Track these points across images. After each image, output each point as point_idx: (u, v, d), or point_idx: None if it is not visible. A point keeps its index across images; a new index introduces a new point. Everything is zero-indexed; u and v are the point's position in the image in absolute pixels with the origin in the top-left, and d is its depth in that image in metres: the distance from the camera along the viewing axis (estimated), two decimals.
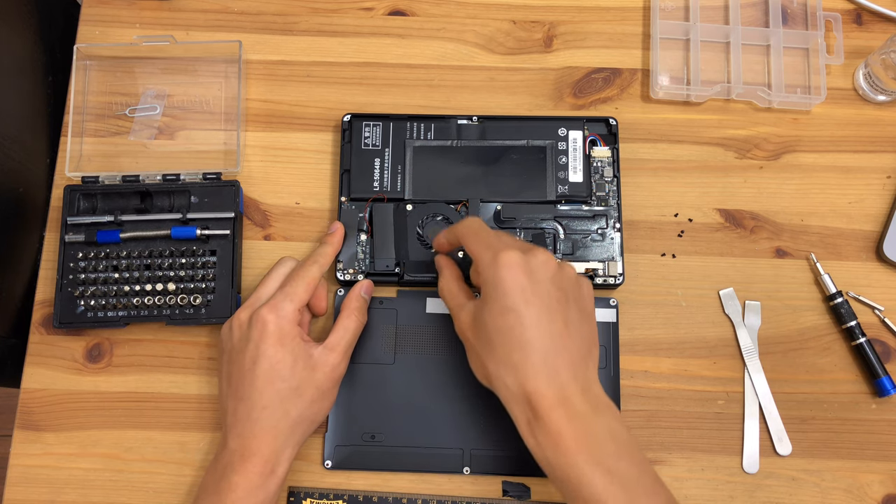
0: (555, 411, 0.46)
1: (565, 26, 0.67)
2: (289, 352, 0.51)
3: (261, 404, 0.50)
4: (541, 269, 0.48)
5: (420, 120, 0.62)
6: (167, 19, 0.66)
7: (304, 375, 0.51)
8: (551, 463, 0.46)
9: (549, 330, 0.47)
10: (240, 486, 0.48)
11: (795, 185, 0.63)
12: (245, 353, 0.51)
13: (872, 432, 0.58)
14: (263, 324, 0.51)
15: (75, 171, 0.62)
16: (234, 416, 0.51)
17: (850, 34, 0.67)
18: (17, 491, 0.56)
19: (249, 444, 0.49)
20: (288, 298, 0.52)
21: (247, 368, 0.51)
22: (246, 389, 0.50)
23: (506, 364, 0.47)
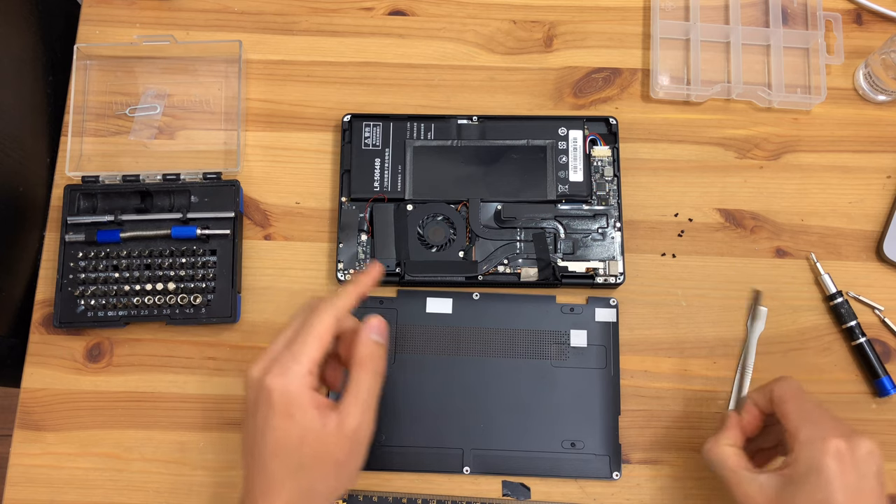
0: None
1: (565, 26, 0.67)
2: (295, 424, 0.45)
3: (270, 475, 0.45)
4: (867, 461, 0.45)
5: (420, 120, 0.62)
6: (167, 19, 0.66)
7: (315, 448, 0.45)
8: None
9: None
10: None
11: (795, 185, 0.63)
12: (256, 417, 0.46)
13: (872, 432, 0.58)
14: (269, 393, 0.45)
15: (75, 170, 0.62)
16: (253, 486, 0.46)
17: (850, 34, 0.67)
18: (17, 490, 0.56)
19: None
20: (295, 360, 0.45)
21: (257, 440, 0.46)
22: (257, 456, 0.46)
23: None
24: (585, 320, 0.59)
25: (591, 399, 0.57)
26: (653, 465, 0.57)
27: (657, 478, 0.57)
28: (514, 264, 0.59)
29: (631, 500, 0.57)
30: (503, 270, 0.59)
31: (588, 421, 0.57)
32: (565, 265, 0.59)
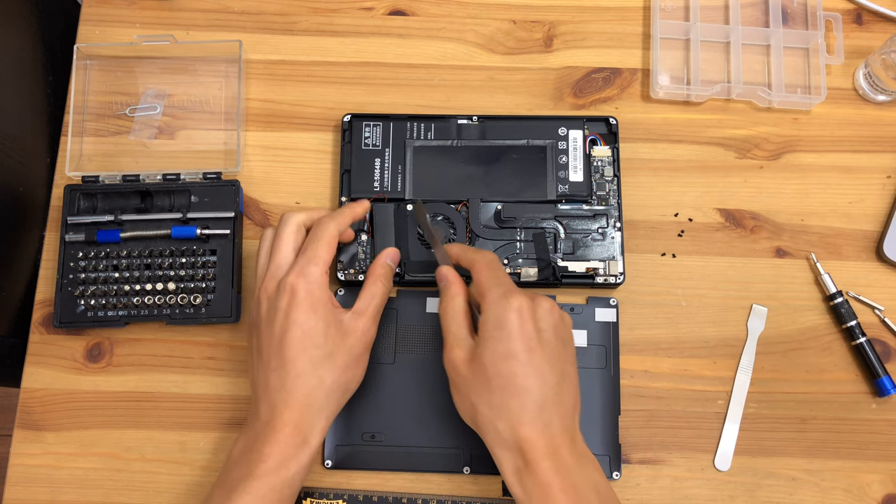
0: (545, 461, 0.46)
1: (565, 26, 0.67)
2: (321, 318, 0.49)
3: (294, 373, 0.48)
4: (546, 317, 0.49)
5: (420, 120, 0.62)
6: (167, 19, 0.66)
7: (336, 341, 0.50)
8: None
9: (548, 380, 0.47)
10: (271, 456, 0.47)
11: (795, 184, 0.63)
12: (275, 323, 0.50)
13: (872, 432, 0.58)
14: (293, 291, 0.49)
15: (75, 170, 0.62)
16: (265, 386, 0.49)
17: (851, 34, 0.67)
18: (17, 490, 0.56)
19: (282, 414, 0.48)
20: (312, 263, 0.50)
21: (277, 338, 0.49)
22: (278, 359, 0.49)
23: (500, 408, 0.47)
24: (585, 320, 0.59)
25: (591, 399, 0.57)
26: (653, 465, 0.57)
27: (657, 478, 0.57)
28: (515, 264, 0.59)
29: (631, 500, 0.57)
30: None
31: (588, 421, 0.57)
32: (565, 265, 0.59)
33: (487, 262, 0.51)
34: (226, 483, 0.48)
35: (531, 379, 0.47)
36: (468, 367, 0.49)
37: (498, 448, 0.47)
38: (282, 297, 0.50)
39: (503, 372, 0.47)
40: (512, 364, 0.47)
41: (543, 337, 0.48)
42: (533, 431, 0.46)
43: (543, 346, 0.48)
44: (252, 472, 0.47)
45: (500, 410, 0.47)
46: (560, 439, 0.47)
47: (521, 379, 0.47)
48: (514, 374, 0.47)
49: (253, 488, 0.46)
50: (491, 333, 0.48)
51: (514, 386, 0.47)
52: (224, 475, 0.49)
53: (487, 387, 0.47)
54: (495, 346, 0.47)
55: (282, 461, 0.47)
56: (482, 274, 0.50)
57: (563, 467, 0.46)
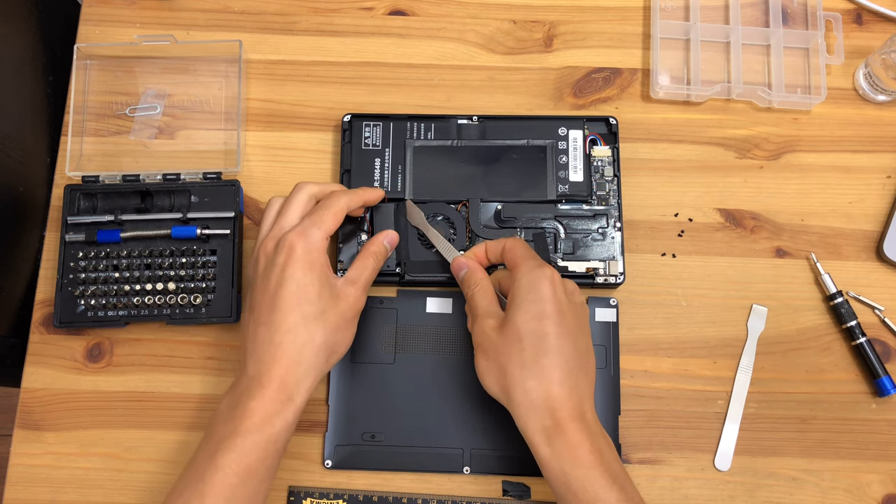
0: (575, 423, 0.47)
1: (565, 26, 0.67)
2: (316, 277, 0.50)
3: (284, 328, 0.48)
4: (573, 293, 0.51)
5: (420, 120, 0.62)
6: (167, 19, 0.66)
7: (329, 302, 0.50)
8: (567, 473, 0.46)
9: (577, 345, 0.49)
10: (256, 412, 0.47)
11: (795, 185, 0.63)
12: (270, 277, 0.50)
13: (872, 432, 0.58)
14: (291, 248, 0.50)
15: (75, 170, 0.62)
16: (253, 341, 0.49)
17: (851, 34, 0.67)
18: (17, 490, 0.56)
19: (269, 369, 0.48)
20: (315, 226, 0.51)
21: (271, 292, 0.49)
22: (269, 314, 0.49)
23: (532, 366, 0.48)
24: None
25: None
26: (653, 465, 0.57)
27: (657, 478, 0.57)
28: None
29: None
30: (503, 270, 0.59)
31: None
32: (565, 265, 0.59)
33: (520, 243, 0.53)
34: (211, 440, 0.47)
35: (563, 339, 0.48)
36: (498, 332, 0.50)
37: (525, 409, 0.48)
38: (280, 253, 0.50)
39: (536, 331, 0.48)
40: (545, 323, 0.48)
41: (572, 307, 0.50)
42: (563, 392, 0.47)
43: (573, 314, 0.50)
44: (237, 428, 0.46)
45: (532, 368, 0.48)
46: (586, 404, 0.48)
47: (554, 338, 0.48)
48: (546, 333, 0.48)
49: (237, 445, 0.46)
50: (524, 297, 0.49)
51: (547, 344, 0.48)
52: (209, 432, 0.48)
53: (519, 346, 0.48)
54: (528, 307, 0.49)
55: (266, 417, 0.47)
56: (516, 249, 0.53)
57: (589, 431, 0.47)
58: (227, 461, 0.46)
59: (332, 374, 0.58)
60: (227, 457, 0.46)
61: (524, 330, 0.48)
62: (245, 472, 0.46)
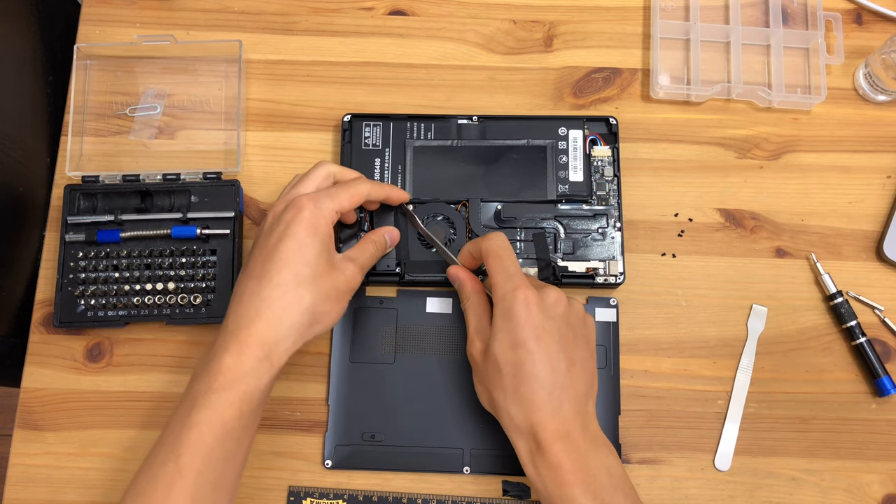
0: (556, 444, 0.47)
1: (565, 26, 0.67)
2: (318, 241, 0.49)
3: (274, 282, 0.47)
4: (553, 306, 0.50)
5: (420, 120, 0.62)
6: (167, 19, 0.66)
7: (325, 269, 0.49)
8: (550, 493, 0.47)
9: (556, 366, 0.49)
10: (231, 367, 0.46)
11: (795, 184, 0.63)
12: (272, 233, 0.49)
13: (872, 432, 0.58)
14: (299, 208, 0.49)
15: (75, 170, 0.62)
16: (239, 296, 0.48)
17: (851, 34, 0.67)
18: (17, 490, 0.56)
19: (249, 324, 0.47)
20: (329, 198, 0.51)
21: (270, 247, 0.49)
22: (262, 266, 0.48)
23: (513, 395, 0.49)
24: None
25: None
26: (653, 465, 0.57)
27: (657, 478, 0.57)
28: None
29: None
30: None
31: None
32: (565, 265, 0.59)
33: (495, 250, 0.52)
34: (188, 397, 0.46)
35: (539, 365, 0.48)
36: (484, 358, 0.51)
37: (513, 433, 0.49)
38: (287, 211, 0.50)
39: (512, 360, 0.49)
40: (520, 352, 0.48)
41: (551, 325, 0.49)
42: (544, 415, 0.48)
43: (551, 333, 0.49)
44: (210, 385, 0.46)
45: (512, 396, 0.49)
46: (572, 423, 0.48)
47: (529, 366, 0.48)
48: (522, 362, 0.48)
49: (211, 402, 0.45)
50: (501, 325, 0.50)
51: (524, 373, 0.48)
52: (187, 388, 0.47)
53: (499, 375, 0.49)
54: (504, 336, 0.49)
55: (241, 374, 0.46)
56: (491, 264, 0.52)
57: (575, 450, 0.47)
58: (201, 418, 0.45)
59: (332, 374, 0.58)
60: (201, 414, 0.45)
61: (501, 360, 0.49)
62: (220, 431, 0.45)
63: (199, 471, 0.44)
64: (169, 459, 0.45)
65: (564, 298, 0.51)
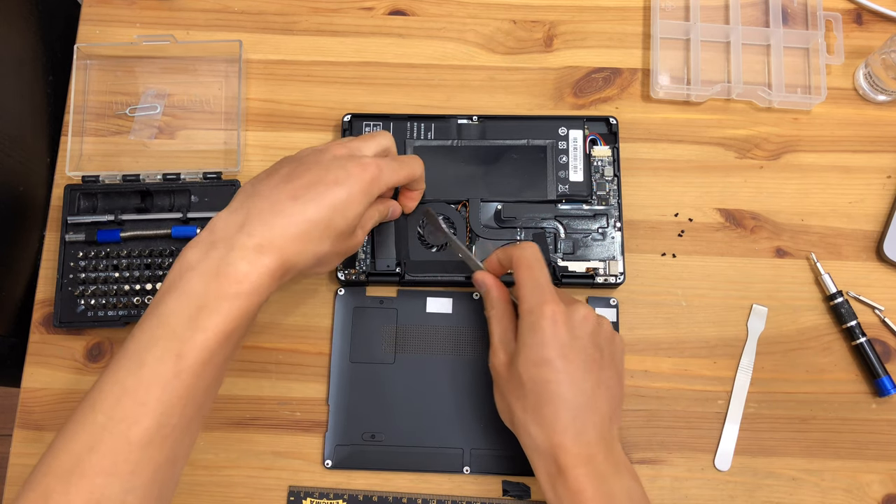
0: (578, 469, 0.46)
1: (565, 26, 0.67)
2: (363, 204, 0.48)
3: (313, 216, 0.46)
4: (581, 324, 0.49)
5: (420, 119, 0.62)
6: (167, 19, 0.66)
7: (350, 231, 0.49)
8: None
9: (581, 387, 0.47)
10: (248, 278, 0.44)
11: (795, 184, 0.63)
12: (332, 171, 0.47)
13: (872, 432, 0.58)
14: (367, 167, 0.48)
15: (76, 170, 0.62)
16: (273, 204, 0.46)
17: (851, 34, 0.67)
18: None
19: (274, 240, 0.45)
20: (391, 171, 0.50)
21: (325, 182, 0.47)
22: (308, 194, 0.46)
23: (535, 414, 0.47)
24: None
25: None
26: (653, 465, 0.57)
27: (657, 478, 0.57)
28: None
29: None
30: None
31: None
32: (565, 265, 0.59)
33: (527, 259, 0.51)
34: (186, 295, 0.43)
35: (564, 386, 0.47)
36: (507, 371, 0.49)
37: (533, 453, 0.48)
38: (354, 163, 0.48)
39: (536, 378, 0.47)
40: (545, 371, 0.47)
41: (578, 344, 0.48)
42: (566, 438, 0.46)
43: (578, 352, 0.48)
44: (224, 291, 0.43)
45: (534, 416, 0.47)
46: (596, 447, 0.47)
47: (554, 385, 0.47)
48: (547, 381, 0.47)
49: (223, 308, 0.43)
50: (525, 339, 0.48)
51: (548, 392, 0.47)
52: (180, 283, 0.44)
53: (522, 391, 0.48)
54: (528, 352, 0.48)
55: (253, 288, 0.44)
56: (521, 273, 0.51)
57: (598, 475, 0.46)
58: (209, 324, 0.42)
59: (332, 374, 0.58)
60: (210, 319, 0.42)
61: (525, 376, 0.48)
62: (225, 336, 0.43)
63: (198, 374, 0.42)
64: (166, 358, 0.42)
65: (594, 316, 0.50)
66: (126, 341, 0.44)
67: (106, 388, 0.42)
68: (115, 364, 0.43)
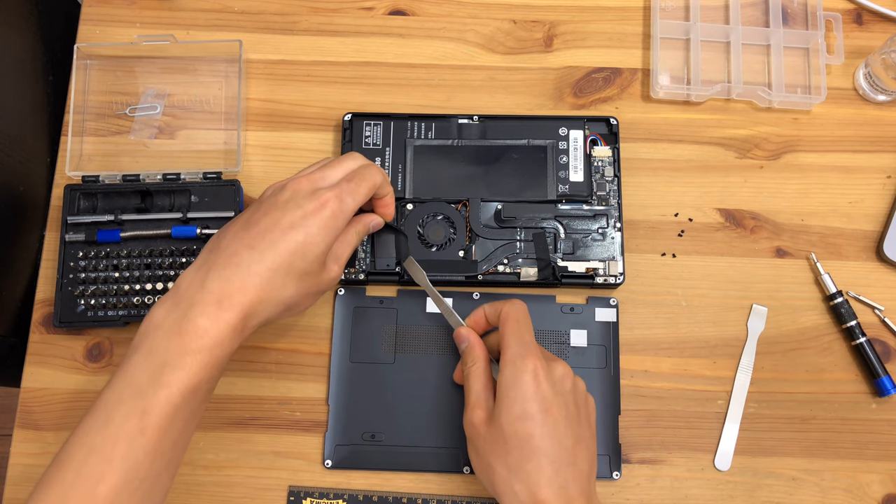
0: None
1: (565, 26, 0.67)
2: (325, 242, 0.48)
3: (270, 265, 0.46)
4: (561, 381, 0.49)
5: (421, 119, 0.62)
6: (167, 19, 0.66)
7: (316, 268, 0.49)
8: None
9: (563, 443, 0.48)
10: (209, 333, 0.44)
11: (795, 184, 0.63)
12: (287, 214, 0.48)
13: (872, 432, 0.58)
14: (324, 203, 0.48)
15: (76, 170, 0.62)
16: (229, 257, 0.47)
17: (851, 34, 0.67)
18: (17, 490, 0.56)
19: (234, 293, 0.45)
20: (352, 195, 0.50)
21: (280, 227, 0.47)
22: (263, 242, 0.47)
23: (518, 470, 0.47)
24: (585, 320, 0.59)
25: None
26: (653, 465, 0.57)
27: (657, 478, 0.57)
28: (514, 264, 0.59)
29: (631, 499, 0.57)
30: (503, 270, 0.59)
31: None
32: (565, 265, 0.59)
33: (515, 314, 0.51)
34: (151, 353, 0.44)
35: (546, 440, 0.47)
36: (486, 428, 0.49)
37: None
38: (310, 201, 0.49)
39: (520, 432, 0.47)
40: (528, 424, 0.47)
41: (559, 400, 0.48)
42: (550, 493, 0.46)
43: (559, 408, 0.48)
44: (186, 346, 0.44)
45: (517, 472, 0.47)
46: (577, 502, 0.47)
47: (538, 440, 0.47)
48: (530, 435, 0.47)
49: (186, 364, 0.44)
50: (507, 393, 0.48)
51: (531, 447, 0.47)
52: (146, 342, 0.45)
53: (505, 447, 0.48)
54: (511, 406, 0.48)
55: (216, 341, 0.45)
56: (507, 326, 0.51)
57: None
58: (172, 379, 0.43)
59: (332, 374, 0.58)
60: (173, 375, 0.43)
61: (508, 431, 0.47)
62: (189, 391, 0.44)
63: (164, 429, 0.43)
64: (132, 415, 0.43)
65: (571, 374, 0.50)
66: (95, 400, 0.44)
67: (75, 447, 0.43)
68: (83, 423, 0.44)
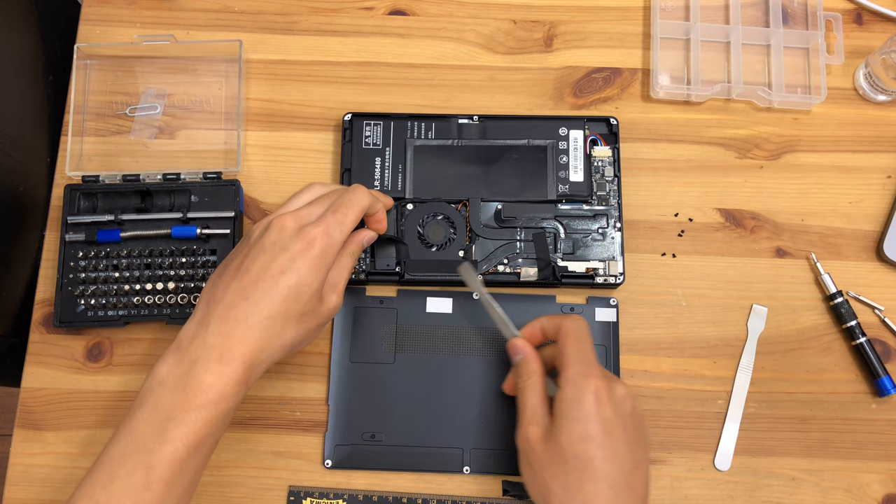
0: None
1: (565, 26, 0.67)
2: (318, 280, 0.48)
3: (266, 314, 0.46)
4: (622, 402, 0.49)
5: (421, 119, 0.62)
6: (167, 19, 0.66)
7: (314, 304, 0.49)
8: None
9: (622, 467, 0.47)
10: (213, 388, 0.45)
11: (795, 184, 0.63)
12: (276, 259, 0.47)
13: (872, 432, 0.58)
14: (311, 242, 0.48)
15: (76, 170, 0.62)
16: (225, 309, 0.47)
17: (851, 34, 0.67)
18: (17, 490, 0.56)
19: (234, 347, 0.46)
20: (339, 226, 0.49)
21: (270, 274, 0.47)
22: (256, 292, 0.47)
23: (576, 492, 0.46)
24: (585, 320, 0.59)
25: None
26: (653, 465, 0.57)
27: (657, 478, 0.57)
28: (514, 264, 0.59)
29: None
30: (503, 270, 0.59)
31: None
32: (565, 265, 0.59)
33: (576, 331, 0.51)
34: (156, 409, 0.45)
35: (607, 463, 0.46)
36: (544, 446, 0.48)
37: None
38: (297, 240, 0.48)
39: (580, 454, 0.47)
40: (589, 447, 0.47)
41: (619, 422, 0.48)
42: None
43: (621, 430, 0.48)
44: (189, 402, 0.45)
45: (576, 494, 0.46)
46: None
47: (598, 462, 0.46)
48: (591, 458, 0.46)
49: (189, 419, 0.44)
50: (567, 413, 0.48)
51: (591, 469, 0.46)
52: (151, 398, 0.45)
53: (563, 468, 0.47)
54: (572, 426, 0.47)
55: (220, 396, 0.45)
56: (568, 343, 0.50)
57: None
58: (177, 434, 0.44)
59: (332, 374, 0.58)
60: (177, 430, 0.44)
61: (568, 452, 0.47)
62: (194, 446, 0.44)
63: (170, 484, 0.44)
64: (137, 471, 0.43)
65: (631, 395, 0.49)
66: (100, 454, 0.45)
67: (80, 502, 0.43)
68: (88, 478, 0.44)
